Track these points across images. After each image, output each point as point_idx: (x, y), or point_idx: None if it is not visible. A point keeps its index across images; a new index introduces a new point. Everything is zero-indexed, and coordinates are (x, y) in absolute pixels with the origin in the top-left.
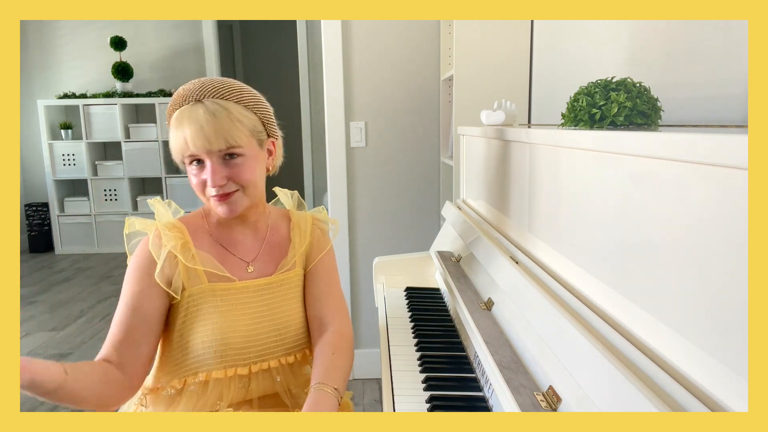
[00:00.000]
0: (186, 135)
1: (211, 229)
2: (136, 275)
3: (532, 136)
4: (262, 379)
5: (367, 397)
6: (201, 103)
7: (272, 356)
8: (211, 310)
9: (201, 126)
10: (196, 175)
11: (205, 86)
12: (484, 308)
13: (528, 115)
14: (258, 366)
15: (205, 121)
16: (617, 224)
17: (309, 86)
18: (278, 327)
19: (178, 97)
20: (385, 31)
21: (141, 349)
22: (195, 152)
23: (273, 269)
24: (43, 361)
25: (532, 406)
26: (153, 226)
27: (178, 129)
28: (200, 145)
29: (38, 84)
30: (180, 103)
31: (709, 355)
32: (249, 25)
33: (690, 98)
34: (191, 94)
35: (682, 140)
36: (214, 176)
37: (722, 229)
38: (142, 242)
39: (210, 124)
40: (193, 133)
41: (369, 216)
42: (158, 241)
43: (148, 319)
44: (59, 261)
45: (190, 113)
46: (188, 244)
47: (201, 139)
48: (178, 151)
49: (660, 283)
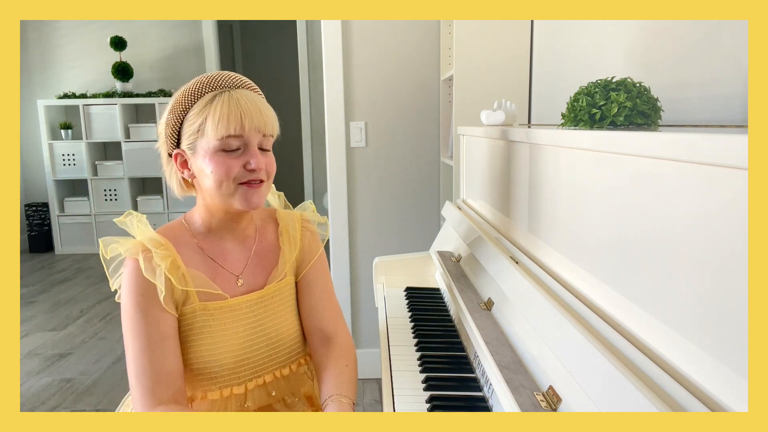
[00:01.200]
0: (243, 111)
1: (198, 240)
2: (141, 307)
3: (533, 136)
4: (258, 395)
5: (367, 397)
6: (244, 89)
7: (267, 371)
8: (204, 331)
9: (258, 108)
10: (229, 160)
11: (239, 78)
12: (484, 308)
13: (528, 115)
14: (254, 383)
15: (262, 105)
16: (617, 224)
17: (309, 86)
18: (271, 341)
19: (209, 82)
20: (385, 31)
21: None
22: (247, 131)
23: (263, 281)
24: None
25: (532, 406)
26: (138, 247)
27: (229, 106)
28: (257, 124)
29: (38, 84)
30: (213, 87)
31: (709, 355)
32: (249, 25)
33: (690, 98)
34: (228, 81)
35: (682, 140)
36: (259, 159)
37: (722, 229)
38: (129, 271)
39: (267, 109)
40: (252, 112)
41: (369, 216)
42: (149, 264)
43: (171, 342)
44: (59, 261)
45: (243, 95)
46: (176, 261)
47: (258, 119)
48: (224, 127)
49: (660, 283)
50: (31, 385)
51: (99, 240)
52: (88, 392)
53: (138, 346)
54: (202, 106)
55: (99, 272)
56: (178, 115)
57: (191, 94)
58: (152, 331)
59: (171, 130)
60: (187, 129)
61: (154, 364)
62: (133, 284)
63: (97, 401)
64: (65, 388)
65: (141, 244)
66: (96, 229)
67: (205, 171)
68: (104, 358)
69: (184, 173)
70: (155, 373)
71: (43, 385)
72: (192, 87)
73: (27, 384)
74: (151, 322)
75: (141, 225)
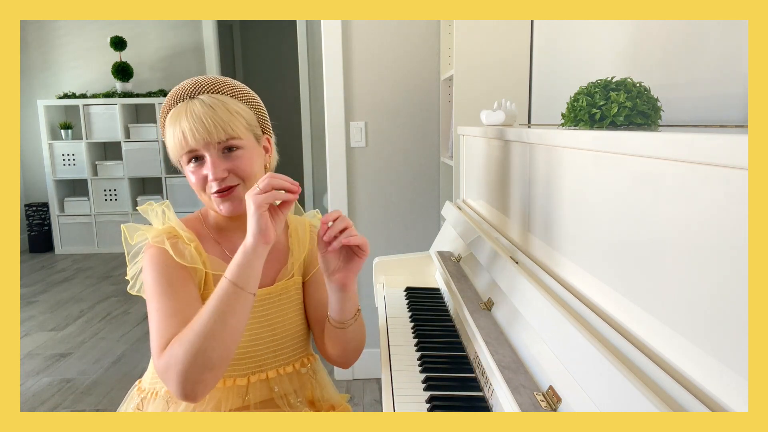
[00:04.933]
0: (184, 129)
1: (213, 234)
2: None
3: (532, 136)
4: (260, 389)
5: (367, 397)
6: (197, 98)
7: (270, 367)
8: None
9: (200, 119)
10: (195, 172)
11: (198, 83)
12: (484, 308)
13: (528, 115)
14: (256, 376)
15: (203, 114)
16: (617, 224)
17: (309, 86)
18: (276, 337)
19: (172, 97)
20: (385, 31)
21: None
22: (194, 146)
23: (272, 278)
24: None
25: (532, 406)
26: (165, 232)
27: (175, 125)
28: (200, 137)
29: (38, 84)
30: (175, 101)
31: (709, 355)
32: (249, 25)
33: (690, 98)
34: (185, 92)
35: (682, 140)
36: (215, 169)
37: (722, 229)
38: (153, 252)
39: (208, 116)
40: (192, 126)
41: (369, 216)
42: (177, 248)
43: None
44: (59, 261)
45: (187, 108)
46: (199, 247)
47: (200, 131)
48: (177, 148)
49: (660, 282)
50: (31, 385)
51: (122, 226)
52: (88, 392)
53: (162, 306)
54: (167, 124)
55: (99, 272)
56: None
57: (163, 110)
58: (180, 296)
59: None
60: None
61: (179, 315)
62: (160, 264)
63: (97, 401)
64: (65, 388)
65: (170, 229)
66: (96, 229)
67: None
68: (104, 358)
69: None
70: (180, 322)
71: (43, 385)
72: (165, 102)
73: (27, 384)
74: (178, 291)
75: (168, 211)
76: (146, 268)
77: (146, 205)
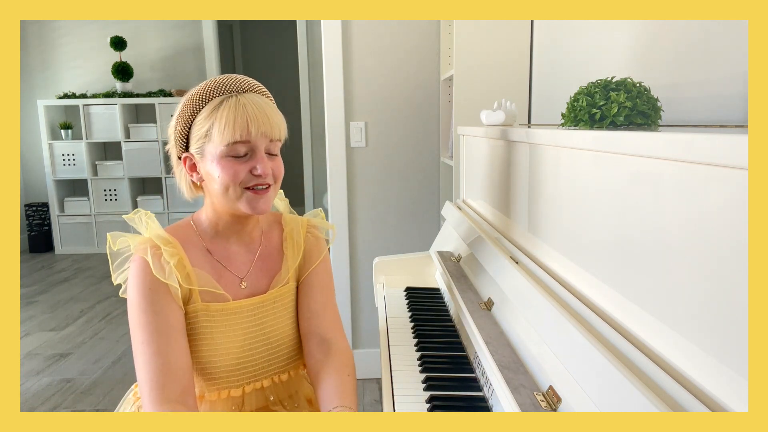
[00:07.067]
0: (249, 117)
1: (204, 242)
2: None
3: (533, 136)
4: (255, 398)
5: (367, 397)
6: (253, 93)
7: (265, 375)
8: (204, 332)
9: (264, 112)
10: (234, 166)
11: (246, 80)
12: (484, 308)
13: (528, 115)
14: (251, 386)
15: (270, 110)
16: (617, 224)
17: (309, 86)
18: (271, 346)
19: (215, 88)
20: (385, 31)
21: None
22: (254, 136)
23: (266, 285)
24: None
25: (532, 406)
26: (147, 243)
27: (237, 111)
28: (264, 130)
29: (38, 84)
30: (220, 91)
31: (709, 355)
32: (249, 25)
33: (690, 98)
34: (234, 85)
35: (682, 140)
36: (265, 164)
37: (722, 229)
38: (138, 266)
39: (274, 114)
40: (257, 116)
41: (369, 216)
42: (158, 261)
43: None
44: (59, 261)
45: (251, 99)
46: (183, 259)
47: (266, 124)
48: (231, 133)
49: (660, 282)
50: (31, 385)
51: (107, 234)
52: (88, 392)
53: (146, 339)
54: (210, 111)
55: (99, 272)
56: (187, 119)
57: (200, 98)
58: (160, 322)
59: (180, 133)
60: (195, 133)
61: (162, 357)
62: (141, 279)
63: (97, 401)
64: (65, 388)
65: (150, 240)
66: (96, 229)
67: (212, 175)
68: (104, 358)
69: (192, 176)
70: (163, 365)
71: (43, 385)
72: (200, 91)
73: (27, 384)
74: (159, 314)
75: (150, 222)
76: (131, 282)
77: (132, 213)
